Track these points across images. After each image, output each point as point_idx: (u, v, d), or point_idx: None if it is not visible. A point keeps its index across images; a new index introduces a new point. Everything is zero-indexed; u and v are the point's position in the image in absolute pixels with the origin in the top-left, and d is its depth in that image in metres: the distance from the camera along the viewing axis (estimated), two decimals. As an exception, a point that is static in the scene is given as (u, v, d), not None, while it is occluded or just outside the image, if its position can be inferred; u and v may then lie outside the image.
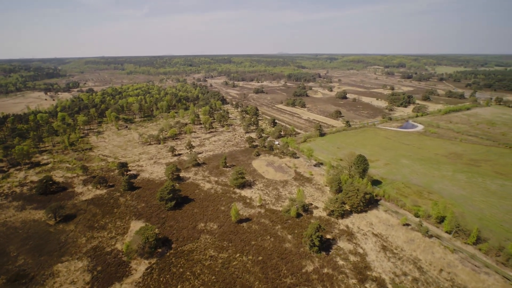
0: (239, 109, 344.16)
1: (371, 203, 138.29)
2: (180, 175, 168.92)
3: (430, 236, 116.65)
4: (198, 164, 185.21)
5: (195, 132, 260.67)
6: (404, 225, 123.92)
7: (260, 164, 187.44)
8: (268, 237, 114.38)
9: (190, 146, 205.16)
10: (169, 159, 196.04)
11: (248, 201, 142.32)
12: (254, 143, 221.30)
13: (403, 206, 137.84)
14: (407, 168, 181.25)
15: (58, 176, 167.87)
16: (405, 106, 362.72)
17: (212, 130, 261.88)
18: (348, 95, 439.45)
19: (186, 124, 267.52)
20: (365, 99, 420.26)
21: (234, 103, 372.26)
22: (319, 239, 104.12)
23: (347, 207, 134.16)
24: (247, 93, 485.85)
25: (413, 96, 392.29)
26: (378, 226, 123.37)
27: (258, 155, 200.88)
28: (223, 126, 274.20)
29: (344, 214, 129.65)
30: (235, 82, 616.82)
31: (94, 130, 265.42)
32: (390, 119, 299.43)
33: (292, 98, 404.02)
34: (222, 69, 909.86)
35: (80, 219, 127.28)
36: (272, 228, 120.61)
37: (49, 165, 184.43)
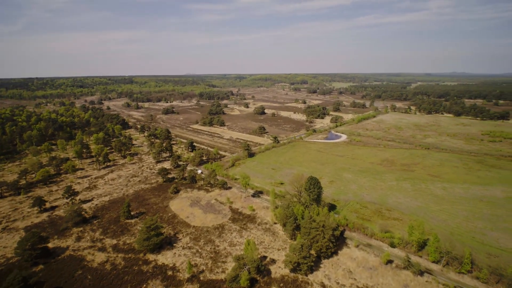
0: (145, 134, 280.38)
1: (337, 238, 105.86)
2: (49, 246, 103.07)
3: (421, 273, 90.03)
4: (84, 221, 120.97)
5: (82, 169, 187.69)
6: (387, 263, 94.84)
7: (181, 204, 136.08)
8: None
9: (71, 193, 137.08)
10: (33, 219, 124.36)
11: (170, 273, 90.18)
12: (170, 175, 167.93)
13: (373, 235, 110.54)
14: (353, 183, 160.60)
15: None
16: (322, 118, 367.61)
17: (108, 163, 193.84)
18: (266, 111, 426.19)
19: (67, 159, 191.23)
20: (283, 113, 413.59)
21: (138, 126, 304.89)
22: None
23: (312, 251, 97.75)
24: (154, 114, 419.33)
25: (327, 108, 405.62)
26: (360, 274, 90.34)
27: (177, 191, 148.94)
28: (124, 157, 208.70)
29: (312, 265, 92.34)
30: (139, 104, 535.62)
31: None
32: (315, 131, 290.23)
33: (208, 116, 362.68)
34: (123, 90, 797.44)
35: None
36: (217, 320, 72.64)
37: None
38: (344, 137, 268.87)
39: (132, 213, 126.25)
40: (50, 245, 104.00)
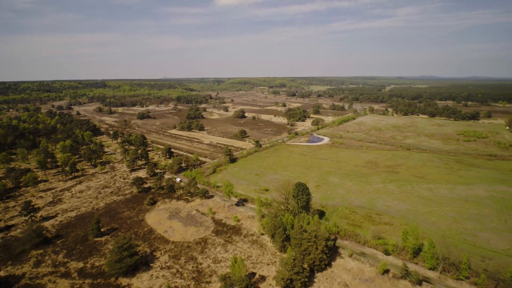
0: (118, 140, 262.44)
1: (330, 248, 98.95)
2: (1, 274, 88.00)
3: (420, 282, 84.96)
4: (46, 241, 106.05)
5: (46, 181, 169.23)
6: (383, 273, 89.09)
7: (159, 217, 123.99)
8: None
9: (30, 209, 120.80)
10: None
11: (146, 300, 78.64)
12: (146, 185, 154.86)
13: (366, 242, 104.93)
14: (340, 187, 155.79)
15: None
16: (303, 120, 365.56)
17: (76, 174, 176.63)
18: (246, 114, 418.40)
19: (28, 170, 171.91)
20: (264, 117, 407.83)
21: (111, 132, 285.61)
22: None
23: (305, 265, 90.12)
24: (129, 119, 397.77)
25: (307, 111, 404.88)
26: (356, 287, 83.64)
27: (154, 203, 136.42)
28: (95, 166, 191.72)
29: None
30: (112, 108, 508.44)
31: None
32: (297, 134, 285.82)
33: (186, 121, 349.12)
34: (95, 94, 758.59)
35: None
36: None
37: None
38: (326, 139, 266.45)
39: (102, 229, 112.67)
40: (1, 273, 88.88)
